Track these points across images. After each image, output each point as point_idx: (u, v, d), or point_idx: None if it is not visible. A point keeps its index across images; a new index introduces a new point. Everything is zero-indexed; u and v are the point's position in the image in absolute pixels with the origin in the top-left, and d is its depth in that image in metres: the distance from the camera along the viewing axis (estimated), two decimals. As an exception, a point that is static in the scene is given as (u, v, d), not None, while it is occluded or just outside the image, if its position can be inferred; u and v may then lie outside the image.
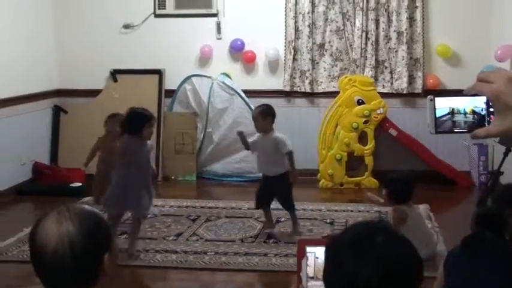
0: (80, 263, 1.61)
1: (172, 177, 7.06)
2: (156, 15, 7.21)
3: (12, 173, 6.41)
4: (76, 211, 1.66)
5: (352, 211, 5.77)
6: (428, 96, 1.47)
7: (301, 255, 2.21)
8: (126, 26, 7.23)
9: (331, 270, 1.47)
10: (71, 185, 6.47)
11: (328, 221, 5.51)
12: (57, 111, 7.25)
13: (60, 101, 7.31)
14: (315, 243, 2.38)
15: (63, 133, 7.23)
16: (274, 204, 5.24)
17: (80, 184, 6.50)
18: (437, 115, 1.45)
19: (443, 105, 1.46)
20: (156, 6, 7.19)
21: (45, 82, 7.10)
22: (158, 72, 7.17)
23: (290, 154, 5.01)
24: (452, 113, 1.44)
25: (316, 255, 2.34)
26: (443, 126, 1.46)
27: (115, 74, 7.23)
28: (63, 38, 7.30)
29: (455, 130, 1.45)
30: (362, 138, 6.65)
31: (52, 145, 7.21)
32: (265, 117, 5.06)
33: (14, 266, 4.52)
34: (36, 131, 6.93)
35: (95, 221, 1.68)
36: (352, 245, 1.44)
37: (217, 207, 5.90)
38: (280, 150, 5.01)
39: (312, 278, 2.28)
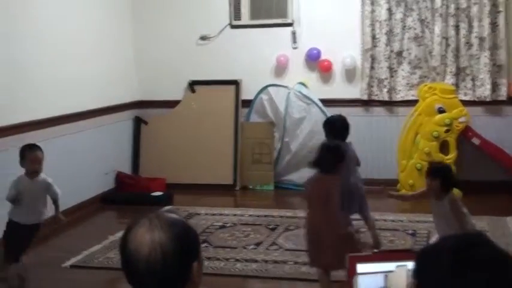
0: (170, 271, 1.61)
1: (250, 187, 7.09)
2: (232, 26, 7.27)
3: (96, 182, 6.58)
4: (166, 219, 1.67)
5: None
6: None
7: (352, 272, 2.13)
8: (203, 38, 7.32)
9: (425, 285, 1.41)
10: (152, 194, 6.57)
11: (409, 232, 5.40)
12: (138, 122, 7.41)
13: (141, 112, 7.46)
14: (366, 259, 2.28)
15: (144, 143, 7.38)
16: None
17: (160, 193, 6.60)
18: None
19: None
20: (232, 17, 7.25)
21: (126, 94, 7.26)
22: (235, 83, 7.23)
23: None
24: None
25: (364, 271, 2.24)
26: None
27: (193, 85, 7.33)
28: (142, 51, 7.46)
29: None
30: (443, 148, 6.49)
31: (133, 155, 7.36)
32: None
33: (99, 272, 4.62)
34: (118, 142, 7.09)
35: (184, 229, 1.69)
36: (453, 257, 1.37)
37: (296, 217, 5.86)
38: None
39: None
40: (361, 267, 2.12)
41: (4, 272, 4.26)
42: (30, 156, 4.24)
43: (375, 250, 4.34)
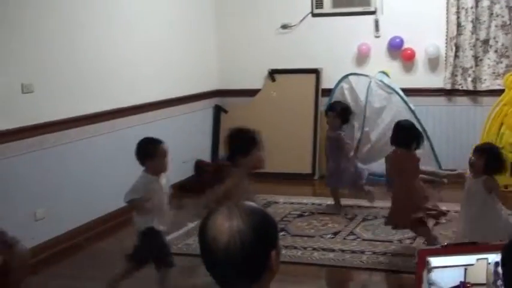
0: (249, 259, 1.62)
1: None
2: (314, 15, 7.25)
3: (175, 170, 6.69)
4: (245, 208, 1.68)
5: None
6: None
7: (422, 266, 2.08)
8: (284, 26, 7.33)
9: None
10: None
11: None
12: (218, 110, 7.50)
13: (221, 101, 7.55)
14: (436, 252, 2.23)
15: (224, 132, 7.45)
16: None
17: (239, 181, 6.66)
18: None
19: None
20: (314, 6, 7.23)
21: (206, 82, 7.37)
22: (315, 72, 7.20)
23: None
24: None
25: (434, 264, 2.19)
26: None
27: (273, 73, 7.36)
28: (223, 39, 7.54)
29: None
30: (529, 139, 6.28)
31: (213, 144, 7.46)
32: None
33: (179, 258, 4.72)
34: (198, 130, 7.20)
35: (262, 217, 1.69)
36: None
37: (375, 207, 5.81)
38: None
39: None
40: (435, 261, 2.09)
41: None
42: (161, 150, 3.87)
43: (445, 243, 4.35)
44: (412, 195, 4.59)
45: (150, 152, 3.87)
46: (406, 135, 4.70)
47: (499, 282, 2.01)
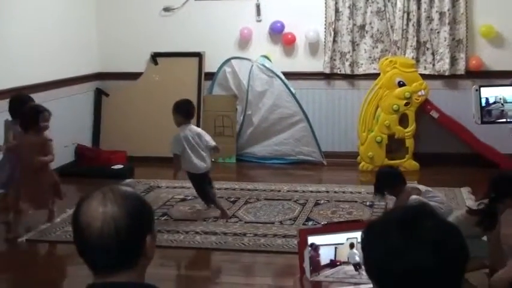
0: (124, 244, 1.61)
1: (212, 160, 7.07)
2: (196, -2, 7.22)
3: (55, 155, 6.49)
4: (120, 192, 1.66)
5: (392, 194, 5.71)
6: (474, 87, 1.45)
7: (303, 245, 2.17)
8: (167, 9, 7.26)
9: (373, 257, 1.45)
10: (112, 167, 6.55)
11: (367, 203, 5.47)
12: (99, 94, 7.35)
13: (102, 84, 7.39)
14: (316, 231, 2.33)
15: (105, 116, 7.33)
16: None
17: (121, 166, 6.58)
18: (483, 105, 1.42)
19: (489, 94, 1.43)
20: (196, -11, 7.19)
21: (87, 65, 7.19)
22: (198, 55, 7.19)
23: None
24: (497, 102, 1.41)
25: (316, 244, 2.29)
26: (490, 116, 1.43)
27: (155, 57, 7.28)
28: (105, 22, 7.37)
29: (502, 120, 1.42)
30: (403, 121, 6.58)
31: (94, 128, 7.31)
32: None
33: (58, 246, 4.61)
34: (79, 114, 7.03)
35: (138, 202, 1.68)
36: (400, 228, 1.41)
37: (257, 190, 5.91)
38: None
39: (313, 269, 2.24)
40: (312, 240, 2.16)
41: None
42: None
43: (324, 222, 4.54)
44: None
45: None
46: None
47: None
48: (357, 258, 2.14)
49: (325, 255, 2.23)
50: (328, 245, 2.27)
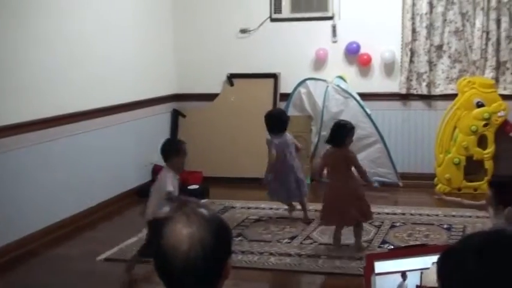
0: (210, 266, 1.60)
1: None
2: (272, 20, 7.29)
3: (134, 175, 6.67)
4: (203, 214, 1.64)
5: (470, 217, 5.55)
6: None
7: (370, 271, 2.09)
8: (243, 31, 7.36)
9: (450, 286, 1.40)
10: (188, 187, 6.64)
11: (445, 226, 5.36)
12: (176, 115, 7.49)
13: (179, 105, 7.54)
14: (383, 256, 2.24)
15: (182, 136, 7.42)
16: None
17: (197, 186, 6.67)
18: None
19: None
20: (272, 11, 7.27)
21: (164, 87, 7.35)
22: (273, 76, 7.25)
23: None
24: None
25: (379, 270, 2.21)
26: None
27: (231, 78, 7.38)
28: (181, 43, 7.52)
29: None
30: (481, 142, 6.42)
31: (172, 148, 7.43)
32: None
33: (139, 266, 4.69)
34: (156, 135, 7.16)
35: (221, 224, 1.67)
36: (479, 253, 1.34)
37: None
38: None
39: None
40: (379, 266, 2.11)
41: None
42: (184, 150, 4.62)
43: (391, 246, 4.50)
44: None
45: (176, 149, 4.64)
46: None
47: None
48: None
49: (411, 282, 2.16)
50: (413, 270, 2.20)
